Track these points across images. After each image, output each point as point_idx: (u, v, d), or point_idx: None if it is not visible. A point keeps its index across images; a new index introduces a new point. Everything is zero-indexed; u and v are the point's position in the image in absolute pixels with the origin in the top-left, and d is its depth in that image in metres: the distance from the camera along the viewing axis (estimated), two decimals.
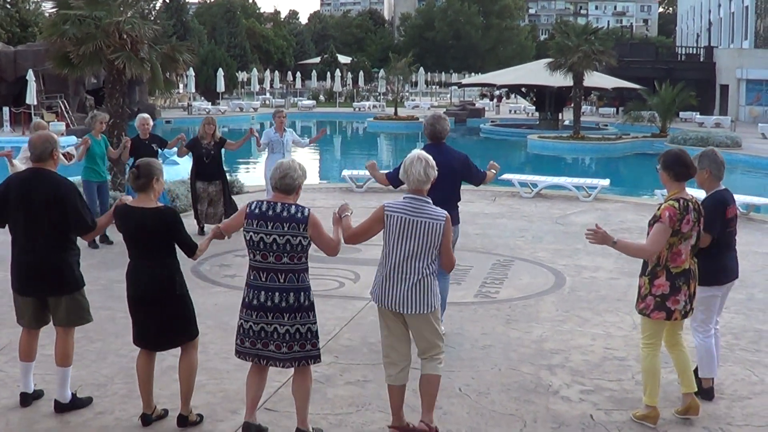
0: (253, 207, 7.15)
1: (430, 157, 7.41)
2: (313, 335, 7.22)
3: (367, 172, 25.30)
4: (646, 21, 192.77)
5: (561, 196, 23.12)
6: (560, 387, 8.94)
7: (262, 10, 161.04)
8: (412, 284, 7.23)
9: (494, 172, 10.82)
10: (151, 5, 78.38)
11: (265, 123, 60.81)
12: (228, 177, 21.46)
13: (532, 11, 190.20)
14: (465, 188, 10.84)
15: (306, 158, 45.66)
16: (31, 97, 44.04)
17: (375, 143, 54.25)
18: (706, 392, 8.54)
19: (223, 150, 16.93)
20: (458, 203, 10.44)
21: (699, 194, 8.72)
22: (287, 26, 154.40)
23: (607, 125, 58.62)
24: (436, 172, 7.40)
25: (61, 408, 7.97)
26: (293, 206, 7.08)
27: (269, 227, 7.01)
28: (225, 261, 14.31)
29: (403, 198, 7.31)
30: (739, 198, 20.24)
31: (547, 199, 21.13)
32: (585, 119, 54.42)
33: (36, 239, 7.71)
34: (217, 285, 12.88)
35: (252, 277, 7.20)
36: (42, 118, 42.42)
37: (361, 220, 7.39)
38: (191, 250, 7.60)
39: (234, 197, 21.13)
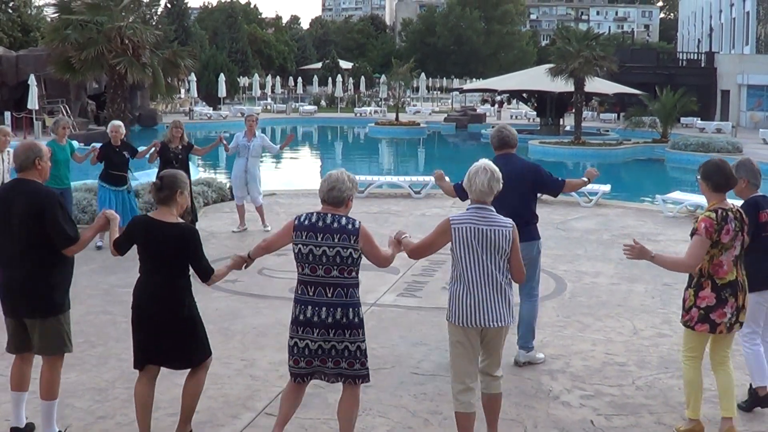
0: (302, 219, 6.96)
1: (497, 169, 7.21)
2: (362, 353, 6.95)
3: (366, 177, 25.47)
4: (647, 27, 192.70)
5: (562, 202, 23.09)
6: (561, 392, 8.95)
7: (263, 16, 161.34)
8: (492, 295, 7.07)
9: (587, 180, 10.09)
10: (153, 10, 78.37)
11: (267, 128, 60.98)
12: (219, 184, 21.61)
13: (533, 17, 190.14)
14: None
15: (307, 163, 45.75)
16: (33, 102, 43.99)
17: (376, 149, 54.23)
18: (763, 400, 8.38)
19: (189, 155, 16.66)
20: (535, 218, 9.81)
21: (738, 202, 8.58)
22: (289, 31, 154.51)
23: (608, 131, 58.65)
24: (501, 185, 7.23)
25: None
26: (344, 218, 6.90)
27: (319, 239, 6.82)
28: None
29: (467, 209, 7.16)
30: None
31: (548, 205, 21.10)
32: (586, 125, 54.41)
33: (15, 254, 7.16)
34: (218, 290, 12.85)
35: (300, 292, 6.95)
36: (43, 123, 42.69)
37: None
38: (206, 274, 7.28)
39: (225, 204, 21.28)
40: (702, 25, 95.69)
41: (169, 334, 7.12)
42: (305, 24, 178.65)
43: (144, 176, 21.53)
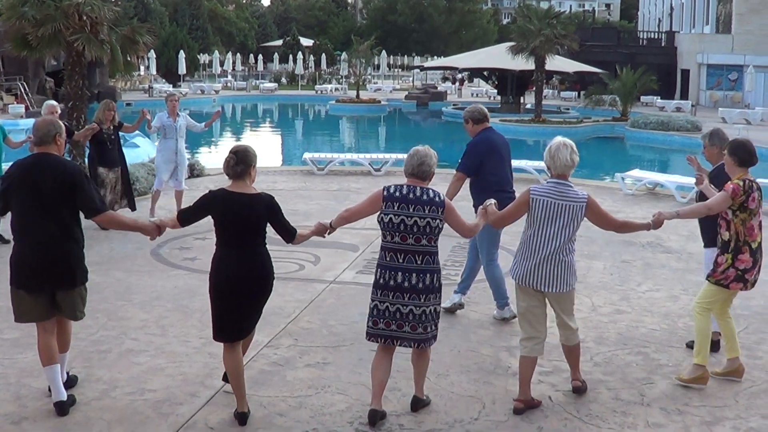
0: (392, 190, 7.37)
1: (573, 144, 7.76)
2: (436, 315, 7.49)
3: (326, 155, 25.48)
4: (608, 6, 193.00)
5: (522, 179, 23.14)
6: None
7: None
8: (555, 264, 7.68)
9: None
10: None
11: (227, 106, 60.73)
12: (189, 159, 21.35)
13: None
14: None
15: (267, 140, 45.59)
16: None
17: (337, 126, 54.15)
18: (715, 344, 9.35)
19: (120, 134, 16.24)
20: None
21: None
22: (249, 8, 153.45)
23: (568, 109, 58.73)
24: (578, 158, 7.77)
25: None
26: (431, 190, 7.37)
27: (411, 209, 7.26)
28: (185, 244, 14.24)
29: (547, 182, 7.75)
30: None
31: None
32: (546, 103, 54.58)
33: (47, 229, 7.26)
34: (176, 268, 12.82)
35: (388, 259, 7.37)
36: (1, 99, 42.23)
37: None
38: (292, 235, 7.63)
39: (195, 179, 21.12)
40: (663, 4, 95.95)
41: (255, 304, 7.46)
42: (266, 1, 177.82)
43: None
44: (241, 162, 7.35)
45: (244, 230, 7.26)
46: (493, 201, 8.06)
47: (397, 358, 7.70)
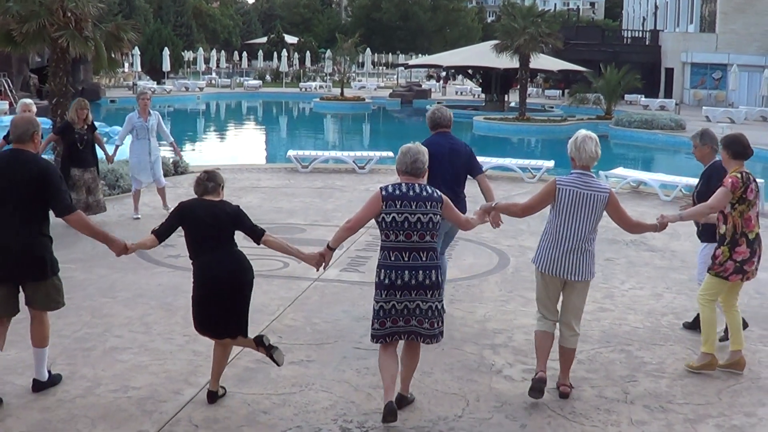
0: (390, 190, 7.37)
1: (596, 136, 8.05)
2: (441, 312, 7.48)
3: (310, 152, 25.48)
4: (592, 4, 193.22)
5: (506, 177, 23.25)
6: (503, 366, 9.00)
7: None
8: (579, 252, 7.90)
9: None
10: None
11: (211, 103, 60.63)
12: (173, 157, 21.28)
13: None
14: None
15: (251, 138, 45.53)
16: None
17: (321, 124, 54.16)
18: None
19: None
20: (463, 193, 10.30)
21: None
22: (234, 5, 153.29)
23: (552, 107, 58.95)
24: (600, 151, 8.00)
25: (39, 387, 7.90)
26: (427, 187, 7.44)
27: (413, 206, 7.27)
28: (169, 241, 14.08)
29: (571, 173, 7.97)
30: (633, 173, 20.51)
31: (492, 180, 20.91)
32: (531, 101, 54.58)
33: (16, 223, 7.36)
34: (160, 265, 12.80)
35: (393, 258, 7.32)
36: None
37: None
38: (259, 235, 7.61)
39: (180, 177, 21.08)
40: (647, 2, 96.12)
41: (236, 302, 7.57)
42: None
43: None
44: (211, 179, 7.64)
45: (214, 233, 7.48)
46: (494, 202, 8.61)
47: (379, 355, 7.68)
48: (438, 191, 7.46)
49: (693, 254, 13.42)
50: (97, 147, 15.53)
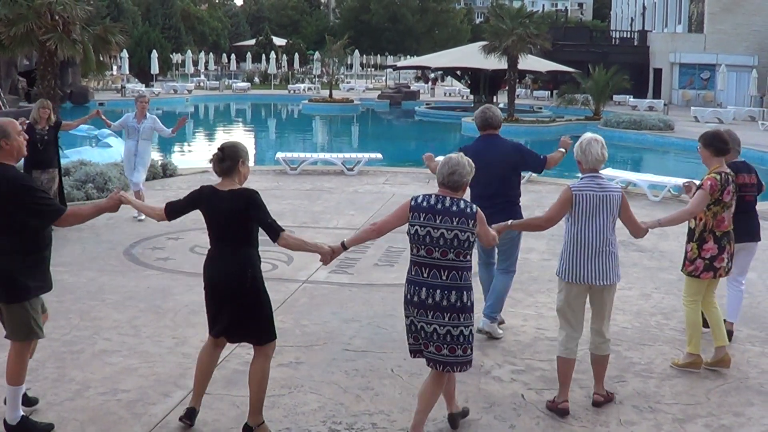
0: (419, 200, 6.94)
1: (602, 138, 8.06)
2: (465, 339, 6.89)
3: (299, 154, 25.48)
4: (581, 5, 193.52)
5: None
6: (492, 367, 9.02)
7: None
8: (606, 256, 7.81)
9: (563, 150, 10.80)
10: None
11: (200, 106, 60.55)
12: (162, 159, 21.25)
13: None
14: (397, 170, 10.83)
15: (240, 140, 45.45)
16: None
17: (310, 125, 54.10)
18: (728, 333, 9.59)
19: (59, 134, 15.65)
20: (518, 198, 10.13)
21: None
22: (222, 8, 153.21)
23: (541, 108, 58.90)
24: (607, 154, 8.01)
25: (8, 430, 7.11)
26: (462, 201, 6.91)
27: (438, 221, 6.81)
28: (158, 244, 14.19)
29: (582, 178, 7.94)
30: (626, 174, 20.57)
31: None
32: (519, 102, 54.65)
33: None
34: (149, 268, 12.79)
35: (413, 273, 6.93)
36: None
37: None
38: (276, 233, 7.01)
39: (167, 179, 21.06)
40: (635, 3, 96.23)
41: (236, 305, 7.06)
42: (239, 1, 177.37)
43: (75, 154, 21.29)
44: (228, 158, 7.04)
45: (225, 227, 7.05)
46: (509, 221, 8.34)
47: (368, 357, 7.68)
48: (474, 207, 6.94)
49: (681, 255, 13.48)
50: (60, 147, 15.53)
